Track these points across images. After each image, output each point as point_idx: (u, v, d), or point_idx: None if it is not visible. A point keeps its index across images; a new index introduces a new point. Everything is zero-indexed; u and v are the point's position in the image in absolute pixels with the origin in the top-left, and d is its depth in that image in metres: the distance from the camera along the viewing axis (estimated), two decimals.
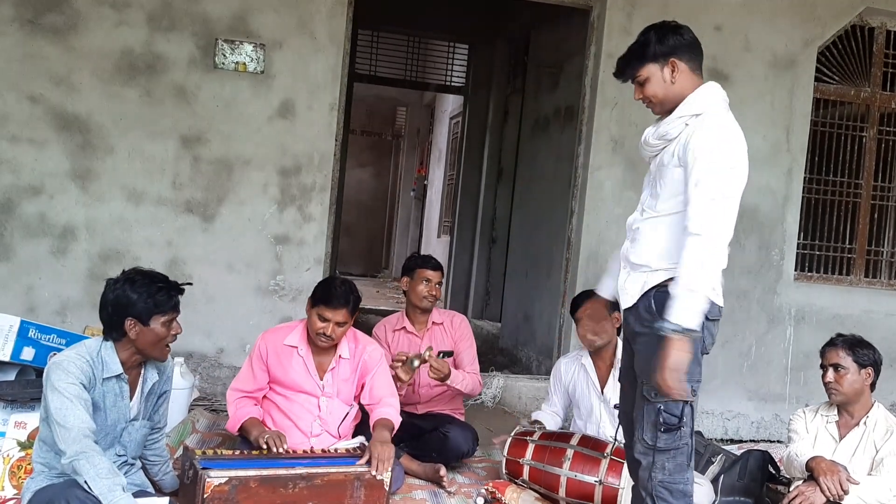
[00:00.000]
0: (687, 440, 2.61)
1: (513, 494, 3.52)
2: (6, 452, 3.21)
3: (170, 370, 3.11)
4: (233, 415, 3.55)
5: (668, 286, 2.56)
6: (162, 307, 2.82)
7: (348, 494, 3.11)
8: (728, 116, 2.65)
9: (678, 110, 2.67)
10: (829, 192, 5.62)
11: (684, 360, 2.43)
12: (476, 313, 8.60)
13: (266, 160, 4.84)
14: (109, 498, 2.56)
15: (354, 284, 3.62)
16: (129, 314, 2.79)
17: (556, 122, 6.40)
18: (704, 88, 2.69)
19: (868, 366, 3.47)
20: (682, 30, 2.73)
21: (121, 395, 2.87)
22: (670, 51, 2.68)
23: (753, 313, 5.35)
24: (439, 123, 12.27)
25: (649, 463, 2.62)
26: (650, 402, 2.61)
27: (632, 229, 2.81)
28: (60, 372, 2.70)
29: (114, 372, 2.82)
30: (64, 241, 4.67)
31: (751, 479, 3.85)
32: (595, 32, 5.27)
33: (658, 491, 2.61)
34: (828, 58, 5.51)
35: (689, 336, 2.42)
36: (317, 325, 3.50)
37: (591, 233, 5.20)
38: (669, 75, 2.68)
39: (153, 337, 2.83)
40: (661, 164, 2.71)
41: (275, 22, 4.81)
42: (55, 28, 4.60)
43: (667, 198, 2.67)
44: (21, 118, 4.60)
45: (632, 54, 2.73)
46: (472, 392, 4.19)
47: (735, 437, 5.33)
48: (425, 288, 4.17)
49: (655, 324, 2.52)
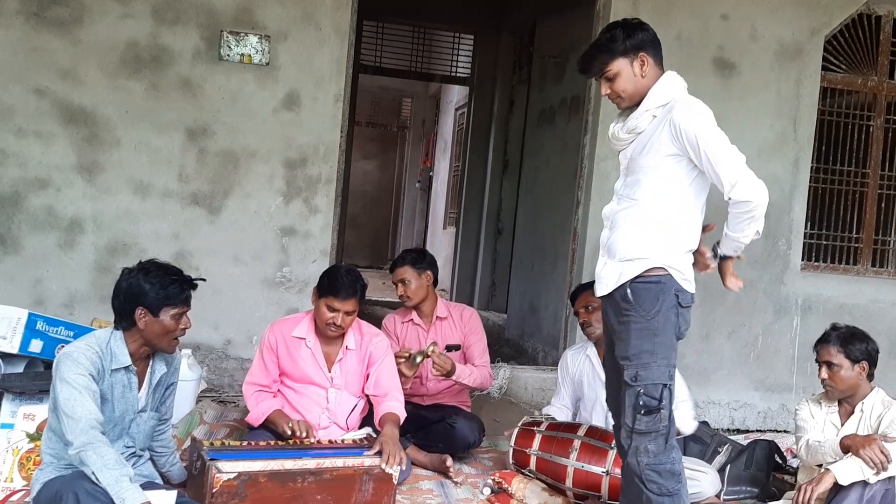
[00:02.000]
0: (666, 422, 2.71)
1: (519, 485, 3.52)
2: (15, 444, 3.23)
3: (177, 362, 3.12)
4: (254, 408, 3.56)
5: (644, 277, 2.70)
6: (173, 300, 2.84)
7: (357, 488, 3.11)
8: (694, 98, 2.78)
9: (645, 103, 2.77)
10: (836, 182, 5.59)
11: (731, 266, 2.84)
12: (482, 304, 8.59)
13: (272, 152, 4.84)
14: (116, 489, 2.57)
15: (359, 272, 3.64)
16: (140, 303, 2.81)
17: (562, 113, 6.39)
18: (665, 79, 2.79)
19: (861, 360, 3.44)
20: (646, 26, 2.83)
21: (129, 387, 2.88)
22: (639, 45, 2.77)
23: (760, 303, 5.34)
24: (445, 114, 12.25)
25: (634, 447, 2.71)
26: (630, 387, 2.71)
27: (608, 219, 2.91)
28: (70, 363, 2.71)
29: (122, 363, 2.84)
30: (71, 234, 4.68)
31: (757, 468, 3.86)
32: (601, 22, 5.23)
33: (647, 474, 2.71)
34: (835, 46, 5.48)
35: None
36: (326, 316, 3.51)
37: (597, 223, 5.13)
38: (639, 69, 2.77)
39: (161, 329, 2.84)
40: (633, 156, 2.81)
41: (280, 13, 4.80)
42: (60, 21, 4.60)
43: (647, 185, 2.76)
44: (27, 111, 4.61)
45: (599, 49, 2.80)
46: (481, 386, 4.19)
47: (742, 427, 5.32)
48: (397, 289, 4.16)
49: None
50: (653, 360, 2.69)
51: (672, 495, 2.70)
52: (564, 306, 5.45)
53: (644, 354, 2.69)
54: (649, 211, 2.76)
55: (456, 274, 9.04)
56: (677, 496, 2.71)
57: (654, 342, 2.70)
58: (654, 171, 2.74)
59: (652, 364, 2.69)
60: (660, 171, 2.74)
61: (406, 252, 4.29)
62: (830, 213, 5.62)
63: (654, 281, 2.71)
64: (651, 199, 2.75)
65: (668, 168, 2.73)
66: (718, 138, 2.67)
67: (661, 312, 2.70)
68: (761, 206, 2.66)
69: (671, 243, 2.74)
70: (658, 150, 2.72)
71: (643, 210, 2.77)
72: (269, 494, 2.97)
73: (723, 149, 2.65)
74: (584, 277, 5.13)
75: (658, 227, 2.74)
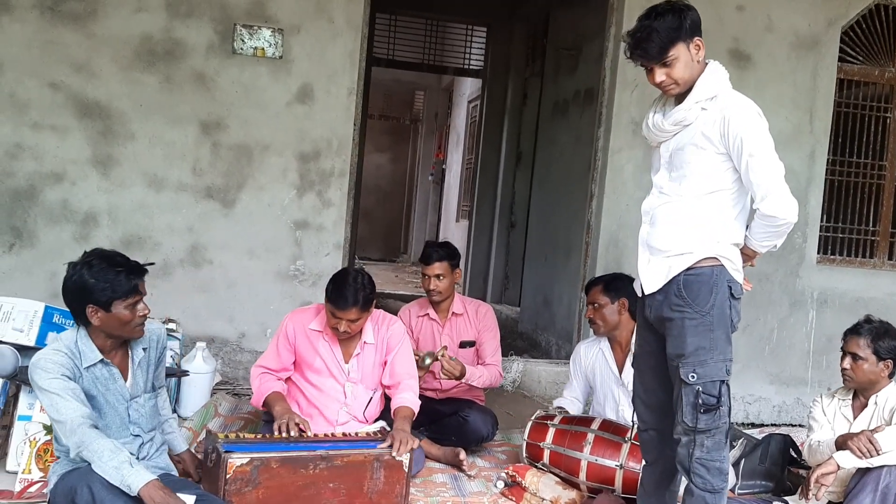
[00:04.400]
0: (726, 419, 2.66)
1: (533, 478, 3.52)
2: (32, 436, 3.26)
3: (158, 334, 2.98)
4: (256, 389, 3.55)
5: (695, 269, 2.63)
6: (120, 292, 2.69)
7: (368, 476, 3.13)
8: (744, 96, 2.70)
9: (693, 94, 2.67)
10: (853, 174, 5.55)
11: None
12: (495, 298, 8.59)
13: (285, 145, 4.85)
14: (118, 477, 2.53)
15: (368, 278, 3.49)
16: (89, 301, 2.68)
17: (575, 105, 6.36)
18: (711, 70, 2.70)
19: (888, 358, 3.43)
20: (693, 8, 2.71)
21: (112, 379, 2.80)
22: (696, 28, 2.67)
23: (775, 297, 5.31)
24: (457, 107, 12.23)
25: (689, 441, 2.65)
26: (688, 385, 2.64)
27: (649, 214, 2.82)
28: (40, 371, 2.65)
29: (92, 360, 2.75)
30: (86, 228, 4.71)
31: (772, 463, 3.84)
32: (615, 13, 5.22)
33: (695, 468, 2.65)
34: (851, 37, 5.43)
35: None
36: (331, 322, 3.50)
37: (610, 216, 5.17)
38: (696, 54, 2.67)
39: (117, 321, 2.72)
40: (678, 149, 2.71)
41: (293, 7, 4.80)
42: (75, 15, 4.62)
43: (693, 180, 2.68)
44: (42, 105, 4.63)
45: (659, 35, 2.61)
46: (490, 385, 4.20)
47: (756, 422, 5.30)
48: (425, 282, 4.17)
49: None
50: (710, 356, 2.62)
51: (715, 493, 2.66)
52: (578, 299, 5.44)
53: (701, 351, 2.62)
54: (694, 207, 2.68)
55: (469, 267, 9.03)
56: (720, 494, 2.67)
57: (711, 337, 2.63)
58: (700, 166, 2.66)
59: (709, 361, 2.62)
60: (707, 167, 2.65)
61: (439, 246, 4.23)
62: (847, 205, 5.58)
63: (707, 272, 2.64)
64: (696, 196, 2.68)
65: (715, 164, 2.65)
66: (762, 146, 2.60)
67: (715, 306, 2.63)
68: (787, 225, 2.62)
69: (718, 236, 2.67)
70: (705, 146, 2.64)
71: (687, 206, 2.69)
72: (281, 482, 2.99)
73: (764, 158, 2.58)
74: (598, 270, 5.11)
75: (703, 223, 2.67)
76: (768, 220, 2.62)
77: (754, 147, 2.58)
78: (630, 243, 4.88)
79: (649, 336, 2.84)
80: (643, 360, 2.91)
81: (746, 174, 2.61)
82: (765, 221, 2.63)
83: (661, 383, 2.81)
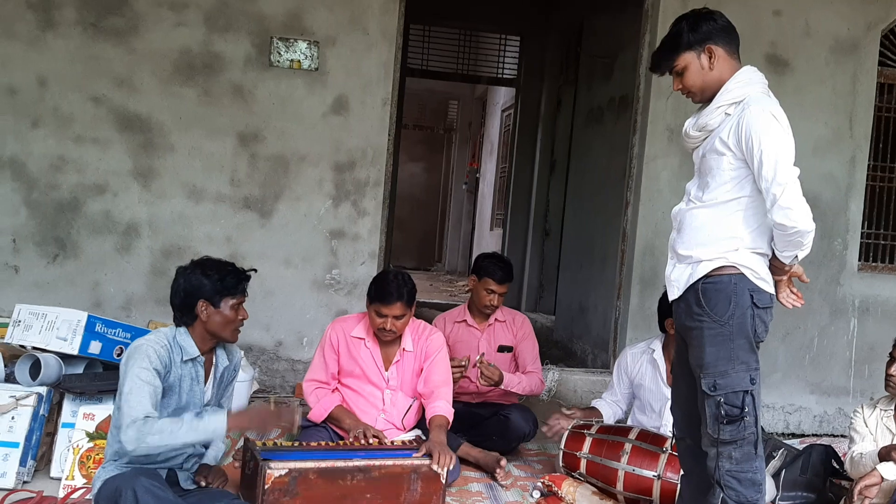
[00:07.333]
0: (752, 429, 2.60)
1: (570, 488, 3.50)
2: (76, 443, 3.32)
3: (238, 360, 3.19)
4: (316, 404, 3.63)
5: (715, 277, 2.59)
6: (231, 290, 2.93)
7: (405, 487, 3.13)
8: (770, 100, 2.62)
9: (717, 99, 2.65)
10: (895, 180, 5.45)
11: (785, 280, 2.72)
12: (530, 306, 8.57)
13: (321, 156, 4.90)
14: (199, 431, 2.76)
15: (408, 275, 3.63)
16: (201, 296, 2.90)
17: (610, 113, 6.34)
18: (742, 74, 2.67)
19: None
20: (715, 15, 2.71)
21: (196, 380, 2.95)
22: (705, 37, 2.66)
23: (816, 305, 5.22)
24: (491, 116, 12.24)
25: (716, 453, 2.61)
26: (710, 396, 2.60)
27: (676, 219, 2.81)
28: (139, 355, 2.80)
29: (192, 354, 2.92)
30: (128, 238, 4.80)
31: (813, 473, 3.77)
32: (649, 21, 5.19)
33: (726, 480, 2.61)
34: (892, 41, 5.34)
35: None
36: (376, 322, 3.55)
37: (646, 224, 5.14)
38: (707, 62, 2.66)
39: (223, 319, 2.93)
40: (703, 156, 2.70)
41: (328, 19, 4.85)
42: (116, 30, 4.72)
43: (714, 187, 2.66)
44: (85, 119, 4.73)
45: (665, 46, 2.72)
46: (532, 392, 4.22)
47: (797, 432, 5.22)
48: (486, 297, 4.18)
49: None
50: (731, 366, 2.57)
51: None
52: (614, 308, 5.41)
53: (721, 362, 2.58)
54: (714, 214, 2.65)
55: None
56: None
57: (731, 347, 2.58)
58: (722, 172, 2.62)
59: (730, 371, 2.57)
60: (727, 173, 2.61)
61: (504, 263, 4.26)
62: (889, 212, 5.48)
63: (725, 280, 2.59)
64: (717, 202, 2.64)
65: (735, 171, 2.61)
66: (772, 149, 2.50)
67: (735, 316, 2.57)
68: (800, 234, 2.50)
69: (740, 244, 2.62)
70: (724, 151, 2.60)
71: (708, 212, 2.66)
72: (319, 492, 3.01)
73: (771, 162, 2.49)
74: (634, 279, 5.09)
75: (722, 230, 2.63)
76: (779, 228, 2.52)
77: (763, 151, 2.51)
78: (666, 251, 4.83)
79: (682, 344, 2.82)
80: (678, 368, 2.90)
81: (758, 179, 2.54)
82: (777, 231, 2.53)
83: (693, 393, 2.78)
